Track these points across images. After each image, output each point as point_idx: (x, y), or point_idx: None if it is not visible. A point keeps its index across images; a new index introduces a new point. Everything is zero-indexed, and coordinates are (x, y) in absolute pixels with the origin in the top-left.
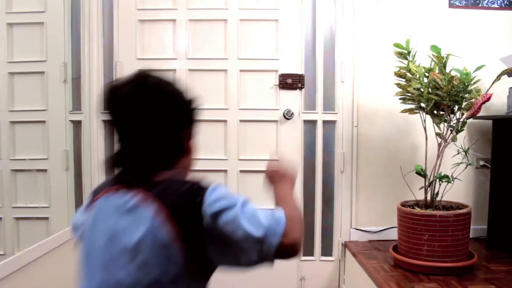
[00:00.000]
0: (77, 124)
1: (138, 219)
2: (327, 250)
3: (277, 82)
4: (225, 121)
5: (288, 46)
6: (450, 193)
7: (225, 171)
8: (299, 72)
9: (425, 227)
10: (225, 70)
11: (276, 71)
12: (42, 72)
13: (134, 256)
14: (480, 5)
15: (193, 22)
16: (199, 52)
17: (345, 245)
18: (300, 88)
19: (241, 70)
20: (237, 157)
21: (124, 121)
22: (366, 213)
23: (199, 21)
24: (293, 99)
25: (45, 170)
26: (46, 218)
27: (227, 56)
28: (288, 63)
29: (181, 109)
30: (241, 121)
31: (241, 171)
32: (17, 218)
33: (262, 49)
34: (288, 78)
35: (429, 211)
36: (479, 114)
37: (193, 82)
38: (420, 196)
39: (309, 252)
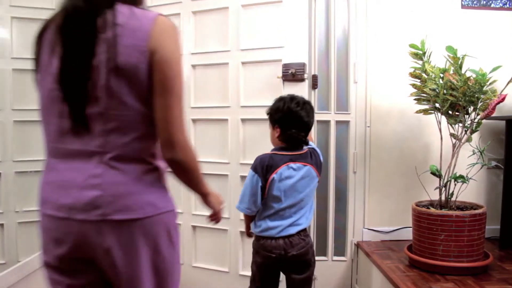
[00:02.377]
0: None
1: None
2: (339, 250)
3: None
4: (226, 120)
5: (293, 35)
6: (462, 193)
7: (226, 175)
8: (303, 61)
9: (441, 227)
10: (226, 64)
11: (280, 60)
12: None
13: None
14: (492, 6)
15: (196, 15)
16: (203, 46)
17: (358, 245)
18: (308, 82)
19: (242, 63)
20: (238, 161)
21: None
22: (378, 213)
23: (203, 12)
24: (298, 91)
25: None
26: None
27: (229, 48)
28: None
29: None
30: (243, 120)
31: (243, 177)
32: (21, 223)
33: (265, 39)
34: (291, 68)
35: (445, 211)
36: (492, 115)
37: (196, 76)
38: (432, 196)
39: (322, 252)
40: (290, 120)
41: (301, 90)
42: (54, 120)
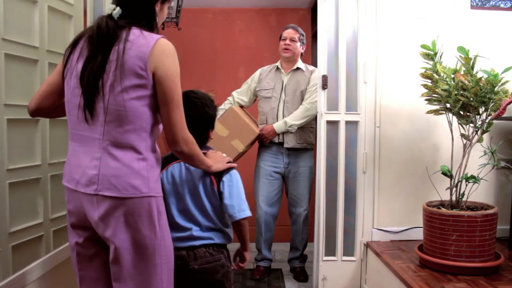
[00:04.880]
0: None
1: None
2: (348, 250)
3: None
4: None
5: None
6: (471, 194)
7: None
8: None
9: (452, 227)
10: None
11: None
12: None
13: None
14: (501, 6)
15: None
16: None
17: (367, 245)
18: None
19: None
20: None
21: None
22: (388, 213)
23: None
24: None
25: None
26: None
27: None
28: None
29: None
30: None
31: None
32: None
33: None
34: None
35: (457, 212)
36: (503, 115)
37: None
38: (442, 196)
39: (331, 252)
40: None
41: None
42: (74, 111)
